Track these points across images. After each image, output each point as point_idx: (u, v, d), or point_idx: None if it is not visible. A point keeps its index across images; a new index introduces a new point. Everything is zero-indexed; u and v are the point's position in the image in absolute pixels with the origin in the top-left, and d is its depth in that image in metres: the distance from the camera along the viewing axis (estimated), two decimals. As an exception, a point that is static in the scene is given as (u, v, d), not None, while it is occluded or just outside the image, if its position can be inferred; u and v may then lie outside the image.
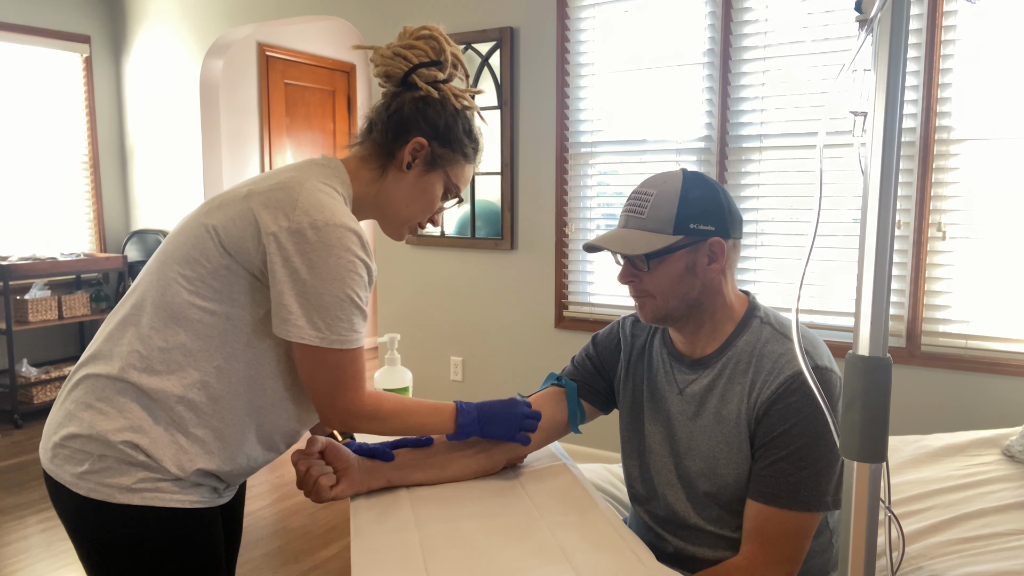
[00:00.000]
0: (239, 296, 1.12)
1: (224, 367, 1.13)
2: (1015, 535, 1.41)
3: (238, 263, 1.12)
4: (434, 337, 3.85)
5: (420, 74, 1.24)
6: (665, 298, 1.22)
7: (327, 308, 1.09)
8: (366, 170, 1.25)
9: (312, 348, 1.11)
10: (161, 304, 1.12)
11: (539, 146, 3.44)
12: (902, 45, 0.71)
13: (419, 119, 1.23)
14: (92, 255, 4.63)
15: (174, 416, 1.10)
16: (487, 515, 1.20)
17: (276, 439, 1.22)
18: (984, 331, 2.61)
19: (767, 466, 1.16)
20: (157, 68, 4.70)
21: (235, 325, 1.13)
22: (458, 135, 1.26)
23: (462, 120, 1.27)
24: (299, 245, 1.08)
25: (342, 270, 1.09)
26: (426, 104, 1.24)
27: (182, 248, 1.14)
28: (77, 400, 1.12)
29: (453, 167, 1.28)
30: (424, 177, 1.26)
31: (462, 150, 1.28)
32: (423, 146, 1.23)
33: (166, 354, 1.11)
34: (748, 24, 2.92)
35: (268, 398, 1.17)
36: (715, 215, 1.20)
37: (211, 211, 1.15)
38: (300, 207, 1.09)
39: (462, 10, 3.56)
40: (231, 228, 1.12)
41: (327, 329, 1.10)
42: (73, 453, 1.10)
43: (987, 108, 2.55)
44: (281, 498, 3.17)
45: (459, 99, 1.27)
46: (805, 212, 2.90)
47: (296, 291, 1.09)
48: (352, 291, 1.11)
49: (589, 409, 1.43)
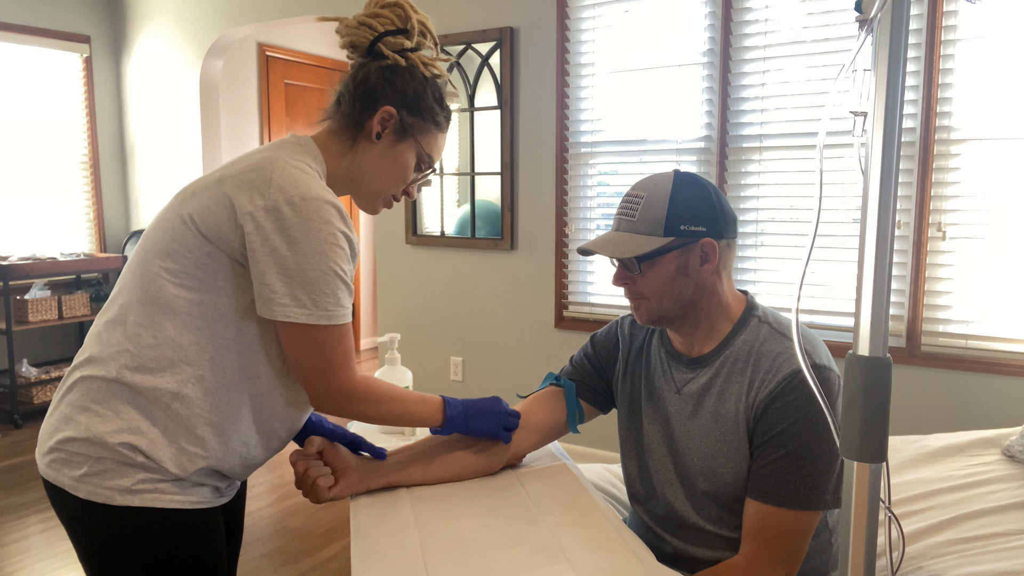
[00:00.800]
0: (223, 284, 1.11)
1: (217, 359, 1.11)
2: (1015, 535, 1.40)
3: (218, 249, 1.10)
4: (434, 337, 3.85)
5: (386, 42, 1.21)
6: (659, 299, 1.22)
7: (311, 283, 1.08)
8: (336, 143, 1.24)
9: (299, 326, 1.09)
10: (146, 300, 1.11)
11: (539, 146, 3.44)
12: (902, 45, 0.71)
13: (387, 88, 1.21)
14: (92, 255, 4.63)
15: (171, 414, 1.10)
16: (487, 515, 1.20)
17: (275, 426, 1.20)
18: (984, 331, 2.61)
19: (766, 465, 1.16)
20: (157, 68, 4.70)
21: (223, 314, 1.11)
22: (428, 103, 1.24)
23: (432, 88, 1.24)
24: (277, 222, 1.06)
25: (323, 243, 1.08)
26: (393, 72, 1.21)
27: (161, 242, 1.12)
28: (72, 403, 1.12)
29: (424, 136, 1.25)
30: (395, 147, 1.23)
31: (433, 118, 1.25)
32: (392, 115, 1.21)
33: (157, 351, 1.09)
34: (748, 24, 2.92)
35: (263, 386, 1.16)
36: (706, 216, 1.20)
37: (185, 200, 1.14)
38: (274, 184, 1.08)
39: (462, 10, 3.56)
40: (207, 215, 1.10)
41: (313, 305, 1.08)
42: (71, 456, 1.10)
43: (987, 108, 2.55)
44: (281, 498, 3.17)
45: (428, 67, 1.24)
46: (805, 212, 2.90)
47: (278, 269, 1.07)
48: (335, 264, 1.09)
49: (588, 409, 1.43)
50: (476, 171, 3.65)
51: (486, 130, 3.59)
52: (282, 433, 1.23)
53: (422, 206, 3.84)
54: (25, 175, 4.46)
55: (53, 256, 4.42)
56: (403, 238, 3.90)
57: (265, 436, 1.20)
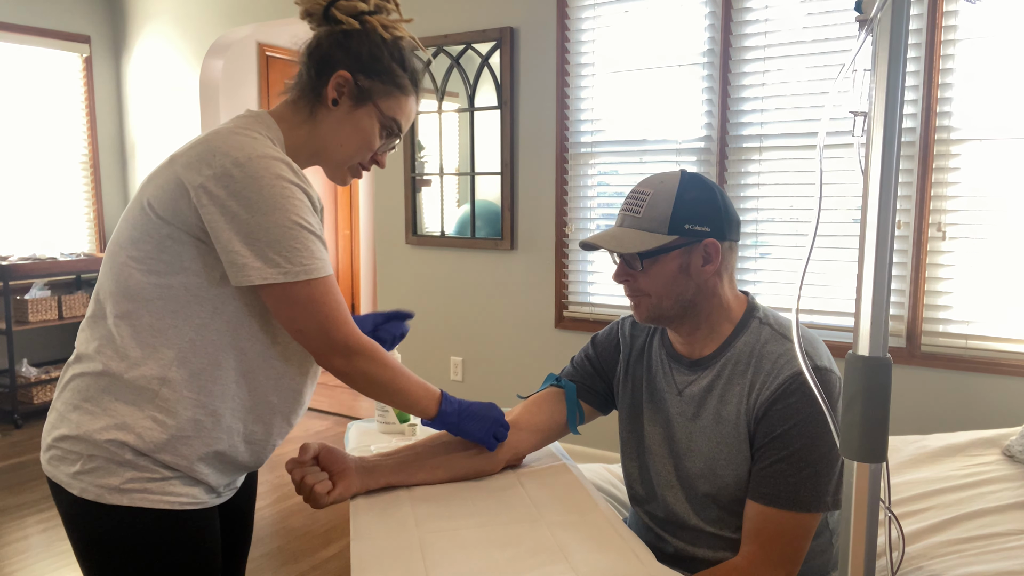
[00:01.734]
0: (190, 264, 1.09)
1: (197, 339, 1.10)
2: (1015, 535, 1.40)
3: (178, 230, 1.08)
4: (434, 337, 3.85)
5: (340, 6, 1.17)
6: (659, 298, 1.22)
7: (278, 241, 1.05)
8: (293, 113, 1.20)
9: (279, 287, 1.06)
10: (119, 292, 1.10)
11: (539, 146, 3.44)
12: (902, 45, 0.71)
13: (339, 52, 1.17)
14: (92, 255, 4.63)
15: (159, 402, 1.08)
16: (487, 515, 1.20)
17: (272, 401, 1.17)
18: (984, 331, 2.61)
19: (767, 467, 1.16)
20: (157, 68, 4.69)
21: (195, 295, 1.09)
22: (386, 64, 1.18)
23: (390, 49, 1.19)
24: (228, 187, 1.04)
25: (279, 197, 1.05)
26: (347, 36, 1.17)
27: (126, 231, 1.12)
28: (66, 401, 1.12)
29: (386, 100, 1.20)
30: (353, 113, 1.19)
31: (394, 80, 1.19)
32: (347, 79, 1.17)
33: (137, 340, 1.08)
34: (748, 24, 2.92)
35: (252, 361, 1.14)
36: (711, 216, 1.20)
37: (143, 188, 1.13)
38: (219, 152, 1.06)
39: (462, 10, 3.56)
40: (162, 196, 1.08)
41: (286, 262, 1.05)
42: (65, 454, 1.10)
43: (987, 108, 2.55)
44: (281, 498, 3.17)
45: (388, 29, 1.19)
46: (805, 212, 2.90)
47: (241, 234, 1.04)
48: (297, 216, 1.06)
49: (588, 410, 1.43)
50: (476, 171, 3.65)
51: (486, 130, 3.59)
52: (283, 408, 1.19)
53: (422, 206, 3.84)
54: (25, 175, 4.46)
55: (53, 256, 4.42)
56: (403, 238, 3.90)
57: (263, 411, 1.17)
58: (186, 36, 4.53)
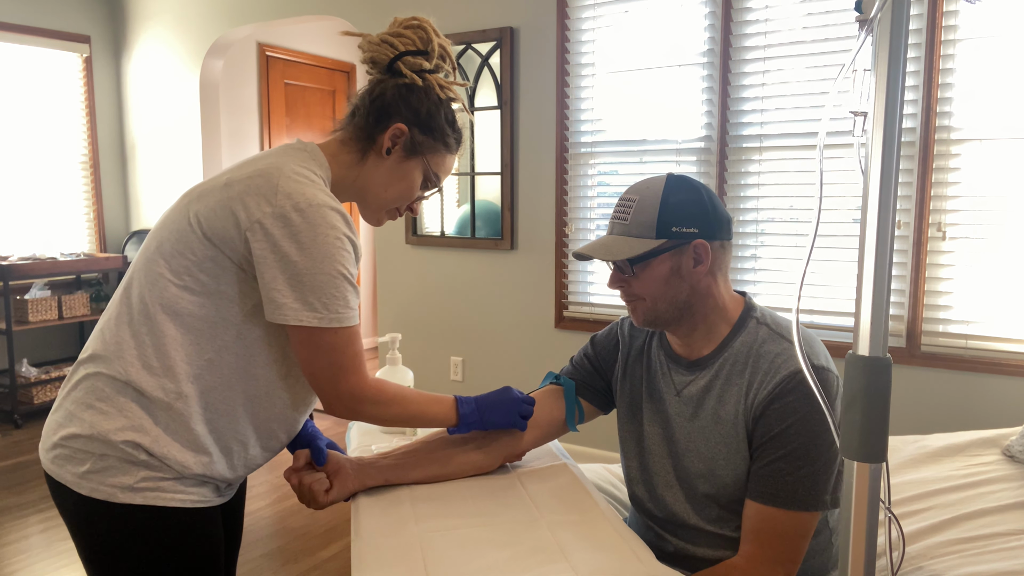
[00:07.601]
0: (227, 288, 1.12)
1: (215, 359, 1.13)
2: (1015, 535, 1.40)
3: (223, 254, 1.11)
4: (434, 337, 3.85)
5: (406, 62, 1.24)
6: (654, 301, 1.23)
7: (321, 287, 1.09)
8: (346, 153, 1.25)
9: (309, 330, 1.11)
10: (150, 300, 1.12)
11: (539, 146, 3.44)
12: (902, 45, 0.71)
13: (401, 105, 1.23)
14: (92, 255, 4.63)
15: (172, 413, 1.10)
16: (487, 514, 1.21)
17: (274, 428, 1.21)
18: (984, 331, 2.61)
19: (765, 466, 1.16)
20: (157, 68, 4.69)
21: (224, 317, 1.12)
22: (440, 124, 1.26)
23: (445, 110, 1.27)
24: (285, 229, 1.08)
25: (331, 248, 1.09)
26: (409, 91, 1.24)
27: (167, 242, 1.14)
28: (77, 400, 1.12)
29: (433, 156, 1.28)
30: (403, 164, 1.26)
31: (443, 139, 1.28)
32: (403, 132, 1.23)
33: (158, 350, 1.11)
34: (748, 24, 2.92)
35: (261, 387, 1.17)
36: (698, 217, 1.20)
37: (191, 202, 1.15)
38: (281, 191, 1.09)
39: (462, 10, 3.56)
40: (213, 218, 1.11)
41: (323, 308, 1.10)
42: (74, 453, 1.11)
43: (987, 108, 2.55)
44: (281, 498, 3.17)
45: (444, 89, 1.28)
46: (805, 212, 2.90)
47: (288, 275, 1.08)
48: (343, 267, 1.11)
49: (588, 408, 1.43)
50: (476, 171, 3.65)
51: (486, 130, 3.59)
52: (281, 435, 1.23)
53: (422, 206, 3.83)
54: (25, 175, 4.46)
55: (53, 256, 4.42)
56: (403, 238, 3.90)
57: (263, 436, 1.20)
58: (186, 36, 4.53)
